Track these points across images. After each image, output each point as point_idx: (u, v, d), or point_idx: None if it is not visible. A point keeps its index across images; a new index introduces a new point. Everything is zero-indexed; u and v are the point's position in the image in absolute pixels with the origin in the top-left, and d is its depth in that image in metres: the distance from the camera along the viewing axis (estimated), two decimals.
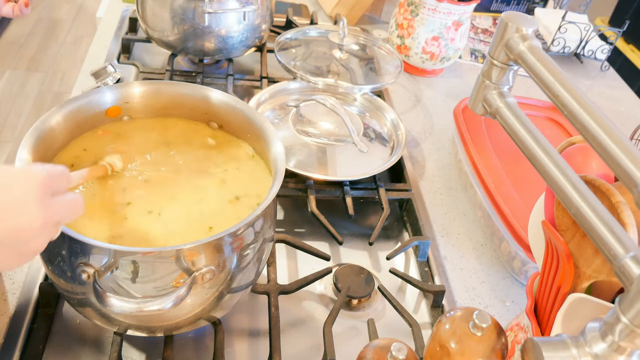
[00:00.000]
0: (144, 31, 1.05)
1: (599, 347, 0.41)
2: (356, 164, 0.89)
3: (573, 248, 0.54)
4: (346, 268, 0.78)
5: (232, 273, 0.59)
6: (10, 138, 2.33)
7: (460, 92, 1.22)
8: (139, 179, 0.65)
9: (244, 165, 0.70)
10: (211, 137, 0.73)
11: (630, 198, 0.46)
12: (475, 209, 0.93)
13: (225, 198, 0.65)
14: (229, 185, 0.67)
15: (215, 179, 0.67)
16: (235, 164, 0.70)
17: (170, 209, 0.62)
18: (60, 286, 0.58)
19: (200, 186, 0.66)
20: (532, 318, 0.59)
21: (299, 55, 1.05)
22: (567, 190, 0.45)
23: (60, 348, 0.65)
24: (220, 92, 0.71)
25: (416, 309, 0.78)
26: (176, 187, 0.65)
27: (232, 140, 0.73)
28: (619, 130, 0.42)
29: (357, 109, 1.02)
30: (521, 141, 0.50)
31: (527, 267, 0.81)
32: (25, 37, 2.92)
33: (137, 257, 0.53)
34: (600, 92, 1.33)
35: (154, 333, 0.63)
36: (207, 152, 0.71)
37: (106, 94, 0.68)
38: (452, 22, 1.15)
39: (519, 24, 0.51)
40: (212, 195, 0.65)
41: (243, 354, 0.69)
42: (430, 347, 0.53)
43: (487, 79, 0.55)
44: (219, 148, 0.71)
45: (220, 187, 0.66)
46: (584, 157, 0.59)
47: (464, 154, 0.95)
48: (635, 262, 0.39)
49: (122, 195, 0.63)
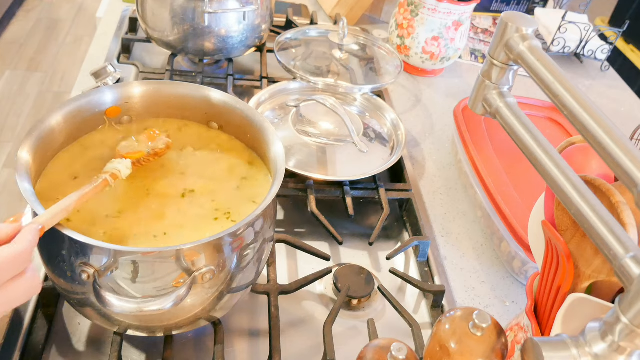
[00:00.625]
0: (144, 31, 1.05)
1: (599, 347, 0.41)
2: (356, 164, 0.89)
3: (573, 248, 0.54)
4: (346, 268, 0.78)
5: (232, 273, 0.59)
6: (10, 138, 2.33)
7: (460, 92, 1.22)
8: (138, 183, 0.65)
9: (244, 165, 0.70)
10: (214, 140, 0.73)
11: (630, 198, 0.46)
12: (475, 209, 0.93)
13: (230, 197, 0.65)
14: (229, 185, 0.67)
15: (214, 178, 0.67)
16: (234, 164, 0.70)
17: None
18: (60, 286, 0.58)
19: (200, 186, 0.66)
20: (532, 318, 0.59)
21: (299, 55, 1.05)
22: (567, 190, 0.45)
23: (60, 348, 0.65)
24: (220, 92, 0.71)
25: (416, 309, 0.78)
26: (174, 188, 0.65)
27: (232, 140, 0.73)
28: (619, 130, 0.42)
29: (357, 109, 1.02)
30: (521, 141, 0.50)
31: (527, 267, 0.81)
32: (25, 37, 2.92)
33: (137, 257, 0.53)
34: (600, 92, 1.33)
35: (154, 333, 0.63)
36: (208, 152, 0.71)
37: (106, 94, 0.68)
38: (452, 22, 1.15)
39: (519, 24, 0.51)
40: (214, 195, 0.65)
41: (243, 354, 0.69)
42: (430, 347, 0.53)
43: (487, 79, 0.55)
44: (219, 148, 0.72)
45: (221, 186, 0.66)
46: (584, 157, 0.59)
47: (464, 154, 0.95)
48: (635, 262, 0.39)
49: (123, 195, 0.63)
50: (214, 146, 0.72)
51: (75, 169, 0.64)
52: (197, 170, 0.68)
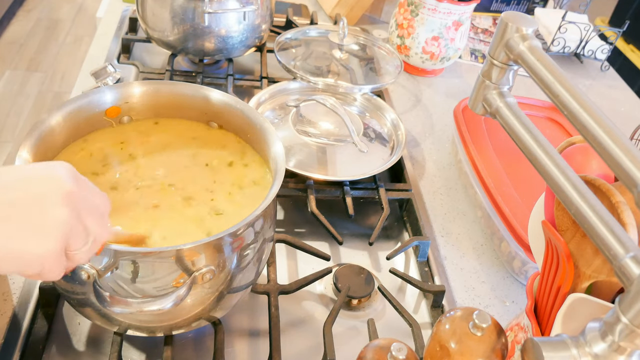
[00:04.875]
0: (144, 31, 1.05)
1: (599, 347, 0.41)
2: (356, 164, 0.89)
3: (573, 248, 0.54)
4: (346, 268, 0.78)
5: (232, 273, 0.59)
6: (10, 138, 2.33)
7: (460, 92, 1.22)
8: (138, 183, 0.65)
9: (243, 164, 0.70)
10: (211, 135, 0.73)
11: (630, 198, 0.46)
12: (475, 209, 0.93)
13: (229, 196, 0.65)
14: (228, 185, 0.67)
15: (214, 179, 0.67)
16: (233, 164, 0.70)
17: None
18: (60, 286, 0.58)
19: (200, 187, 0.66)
20: (532, 318, 0.59)
21: (299, 55, 1.05)
22: (567, 190, 0.45)
23: (60, 348, 0.65)
24: (220, 92, 0.71)
25: (416, 309, 0.78)
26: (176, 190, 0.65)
27: (232, 140, 0.73)
28: (619, 130, 0.42)
29: (357, 109, 1.02)
30: (521, 141, 0.50)
31: (527, 267, 0.81)
32: (25, 37, 2.92)
33: (137, 257, 0.53)
34: (600, 92, 1.33)
35: (154, 333, 0.63)
36: (208, 152, 0.71)
37: (106, 94, 0.68)
38: (452, 22, 1.15)
39: (519, 24, 0.51)
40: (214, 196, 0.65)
41: (243, 354, 0.69)
42: (430, 347, 0.53)
43: (487, 79, 0.55)
44: (219, 148, 0.72)
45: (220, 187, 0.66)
46: (584, 157, 0.58)
47: (464, 154, 0.95)
48: (635, 262, 0.39)
49: (124, 196, 0.63)
50: (214, 146, 0.72)
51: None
52: (197, 170, 0.68)
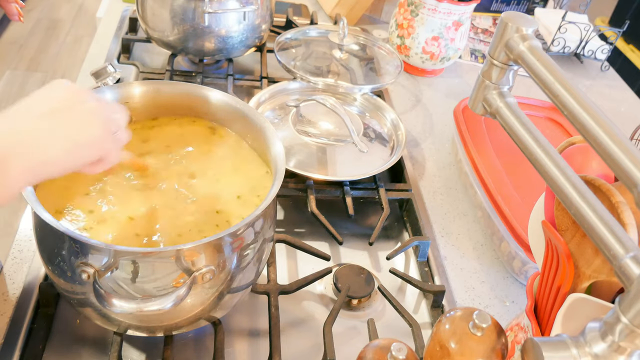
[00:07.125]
0: (144, 31, 1.05)
1: (599, 347, 0.41)
2: (356, 164, 0.89)
3: (573, 248, 0.54)
4: (346, 268, 0.78)
5: (232, 273, 0.59)
6: None
7: (460, 92, 1.22)
8: (134, 182, 0.65)
9: (243, 165, 0.70)
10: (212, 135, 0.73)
11: (630, 198, 0.46)
12: (475, 209, 0.93)
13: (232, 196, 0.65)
14: (228, 185, 0.67)
15: (213, 179, 0.67)
16: (233, 164, 0.70)
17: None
18: (60, 286, 0.58)
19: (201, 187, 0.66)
20: (532, 318, 0.59)
21: (299, 55, 1.05)
22: (567, 190, 0.45)
23: (60, 348, 0.65)
24: (220, 92, 0.71)
25: (416, 309, 0.78)
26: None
27: (232, 140, 0.73)
28: (619, 130, 0.42)
29: (357, 109, 1.02)
30: (521, 141, 0.50)
31: (527, 267, 0.81)
32: (25, 37, 2.92)
33: (137, 257, 0.53)
34: (600, 92, 1.33)
35: (154, 333, 0.63)
36: (208, 152, 0.71)
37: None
38: (452, 22, 1.15)
39: (519, 24, 0.51)
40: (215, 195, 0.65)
41: (243, 354, 0.69)
42: (430, 347, 0.53)
43: (487, 79, 0.55)
44: (219, 147, 0.72)
45: (219, 187, 0.66)
46: (584, 157, 0.58)
47: (464, 154, 0.95)
48: (635, 262, 0.39)
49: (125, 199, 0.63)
50: (214, 146, 0.72)
51: None
52: (197, 170, 0.68)
